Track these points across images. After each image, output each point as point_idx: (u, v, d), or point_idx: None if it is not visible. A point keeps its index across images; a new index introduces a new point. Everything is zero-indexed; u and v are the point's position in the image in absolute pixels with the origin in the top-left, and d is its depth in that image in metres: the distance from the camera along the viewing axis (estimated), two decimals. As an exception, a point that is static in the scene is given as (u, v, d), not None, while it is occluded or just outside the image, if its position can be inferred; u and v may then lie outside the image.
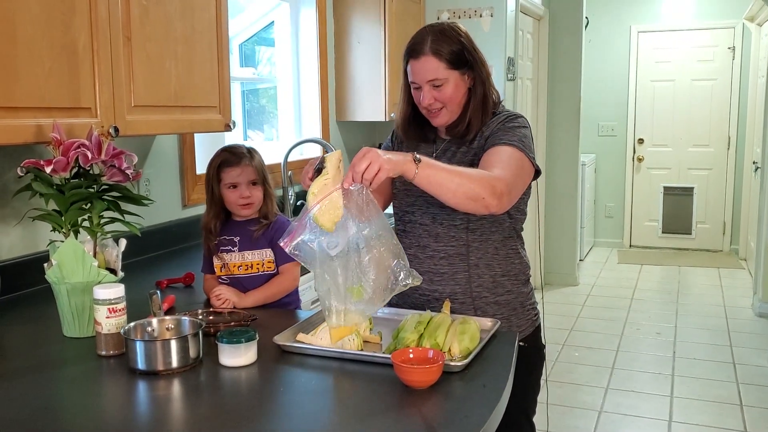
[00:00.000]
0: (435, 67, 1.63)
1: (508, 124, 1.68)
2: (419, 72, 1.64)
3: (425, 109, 1.69)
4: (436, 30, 1.66)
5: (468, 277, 1.72)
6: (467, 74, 1.68)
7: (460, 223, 1.70)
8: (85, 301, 1.55)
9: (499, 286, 1.75)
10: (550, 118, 5.42)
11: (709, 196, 6.70)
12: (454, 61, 1.64)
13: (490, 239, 1.73)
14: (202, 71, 2.16)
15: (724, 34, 6.47)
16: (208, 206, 1.91)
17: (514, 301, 1.78)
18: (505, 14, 4.11)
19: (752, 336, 4.34)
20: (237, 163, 1.84)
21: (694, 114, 6.64)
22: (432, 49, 1.62)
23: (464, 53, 1.65)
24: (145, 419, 1.21)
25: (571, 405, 3.37)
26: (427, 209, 1.72)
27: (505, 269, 1.76)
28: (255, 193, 1.87)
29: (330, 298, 1.41)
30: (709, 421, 3.18)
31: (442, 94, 1.65)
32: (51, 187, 1.56)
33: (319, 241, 1.38)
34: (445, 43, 1.63)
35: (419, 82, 1.66)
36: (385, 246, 1.39)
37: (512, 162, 1.60)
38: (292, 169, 3.26)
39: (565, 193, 5.50)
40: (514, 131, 1.66)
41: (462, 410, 1.19)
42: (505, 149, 1.62)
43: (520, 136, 1.66)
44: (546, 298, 5.30)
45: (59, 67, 1.64)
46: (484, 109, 1.70)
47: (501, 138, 1.64)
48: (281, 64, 3.60)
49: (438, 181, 1.44)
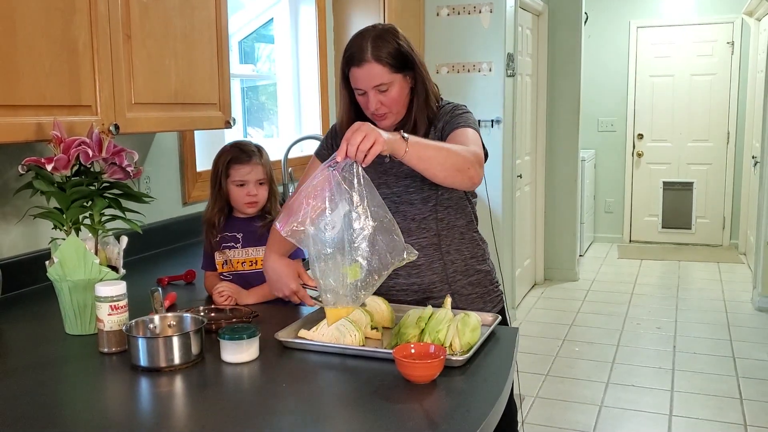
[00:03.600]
0: (379, 72, 1.63)
1: (458, 112, 1.75)
2: (364, 79, 1.65)
3: (373, 113, 1.70)
4: (374, 35, 1.66)
5: (443, 265, 1.78)
6: (409, 75, 1.70)
7: (429, 215, 1.75)
8: (86, 298, 1.56)
9: (470, 268, 1.82)
10: (549, 114, 5.42)
11: (709, 191, 6.70)
12: (395, 64, 1.65)
13: (456, 225, 1.80)
14: (202, 68, 2.16)
15: (723, 29, 6.47)
16: (212, 200, 1.92)
17: (483, 280, 1.85)
18: (504, 10, 4.11)
19: (752, 330, 4.35)
20: (247, 161, 1.86)
21: (693, 109, 6.64)
22: (374, 55, 1.63)
23: (404, 55, 1.67)
24: (148, 416, 1.22)
25: (572, 400, 3.38)
26: (397, 209, 1.73)
27: (472, 251, 1.83)
28: (261, 192, 1.88)
29: (327, 279, 1.39)
30: (710, 415, 3.19)
31: (387, 97, 1.67)
32: (52, 184, 1.56)
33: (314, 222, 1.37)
34: (385, 47, 1.64)
35: (364, 89, 1.66)
36: (379, 222, 1.38)
37: (477, 140, 1.68)
38: (292, 166, 3.26)
39: (564, 189, 5.50)
40: (466, 117, 1.74)
41: (463, 404, 1.19)
42: (467, 130, 1.69)
43: (473, 122, 1.75)
44: (546, 293, 5.31)
45: (59, 65, 1.64)
46: (428, 107, 1.74)
47: (459, 123, 1.71)
48: (281, 61, 3.60)
49: (428, 155, 1.47)
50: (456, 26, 4.18)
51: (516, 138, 4.52)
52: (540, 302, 5.08)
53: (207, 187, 2.01)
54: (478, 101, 4.20)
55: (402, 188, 1.74)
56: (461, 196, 1.80)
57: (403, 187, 1.74)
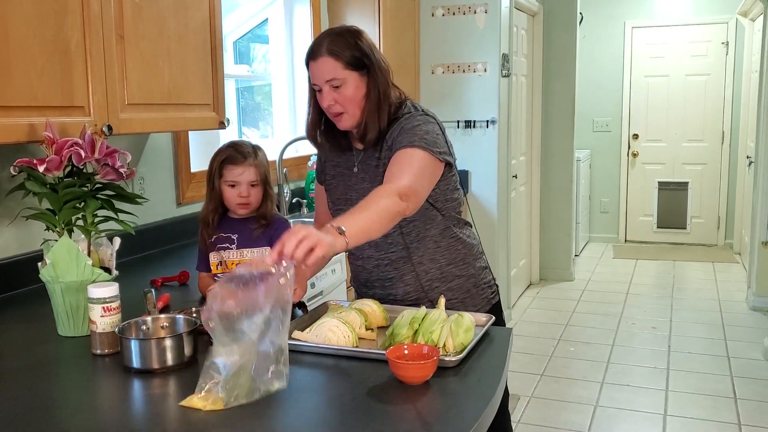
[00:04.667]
0: (332, 67, 1.64)
1: (407, 126, 1.68)
2: (317, 73, 1.66)
3: (327, 111, 1.70)
4: (335, 33, 1.68)
5: (416, 276, 1.77)
6: (365, 76, 1.68)
7: (393, 231, 1.71)
8: (79, 300, 1.55)
9: (447, 275, 1.80)
10: (544, 114, 5.43)
11: (704, 191, 6.72)
12: (351, 61, 1.65)
13: (427, 236, 1.77)
14: (196, 69, 2.15)
15: (717, 30, 6.48)
16: (207, 199, 1.91)
17: (466, 284, 1.82)
18: (499, 10, 4.11)
19: (746, 329, 4.36)
20: (241, 162, 1.84)
21: (688, 109, 6.66)
22: (328, 49, 1.64)
23: (361, 55, 1.66)
24: (140, 417, 1.21)
25: (567, 400, 3.38)
26: None
27: (450, 258, 1.80)
28: (253, 193, 1.86)
29: (225, 370, 1.22)
30: (704, 414, 3.20)
31: (341, 95, 1.66)
32: (44, 186, 1.56)
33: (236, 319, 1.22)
34: (342, 44, 1.65)
35: (319, 84, 1.67)
36: (273, 342, 1.23)
37: (413, 162, 1.61)
38: (288, 167, 3.26)
39: (560, 189, 5.51)
40: (414, 131, 1.66)
41: (457, 405, 1.19)
42: (404, 153, 1.63)
43: (421, 134, 1.66)
44: (541, 293, 5.31)
45: (52, 65, 1.64)
46: (379, 113, 1.69)
47: (401, 143, 1.65)
48: (276, 61, 3.59)
49: (367, 228, 1.43)
50: (451, 26, 4.19)
51: (511, 138, 4.53)
52: (535, 302, 5.09)
53: (201, 188, 2.01)
54: (473, 102, 4.21)
55: None
56: (426, 207, 1.73)
57: None
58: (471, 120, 4.22)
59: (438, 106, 4.08)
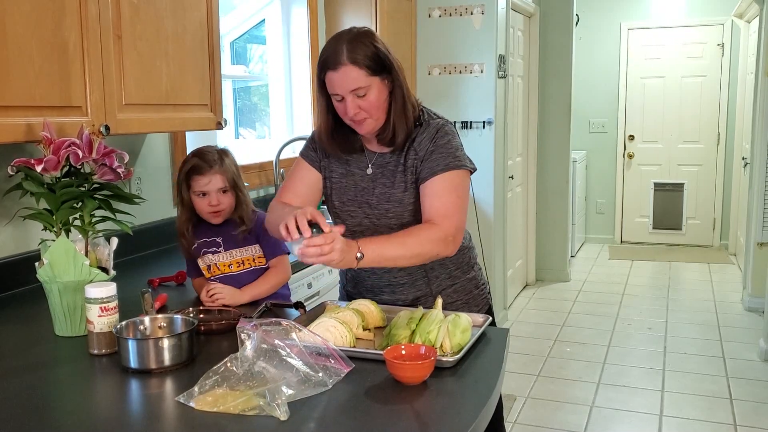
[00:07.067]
0: (356, 76, 1.57)
1: (440, 141, 1.66)
2: (341, 83, 1.58)
3: (350, 119, 1.64)
4: (350, 38, 1.59)
5: (427, 281, 1.78)
6: (386, 79, 1.63)
7: None
8: (76, 300, 1.55)
9: (453, 277, 1.82)
10: (541, 116, 5.44)
11: (699, 192, 6.74)
12: (373, 67, 1.59)
13: None
14: (193, 69, 2.15)
15: (713, 31, 6.50)
16: (179, 211, 1.90)
17: (468, 285, 1.84)
18: (495, 11, 4.12)
19: (742, 330, 4.38)
20: (207, 170, 1.81)
21: (684, 110, 6.68)
22: (350, 58, 1.56)
23: (381, 58, 1.61)
24: (138, 417, 1.21)
25: (563, 400, 3.39)
26: (376, 229, 1.72)
27: (457, 262, 1.82)
28: (224, 200, 1.84)
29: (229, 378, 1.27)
30: (700, 415, 3.21)
31: (366, 102, 1.60)
32: (42, 186, 1.56)
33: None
34: (361, 50, 1.57)
35: (342, 93, 1.59)
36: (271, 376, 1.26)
37: (453, 191, 1.64)
38: (284, 167, 3.26)
39: (556, 190, 5.52)
40: (446, 149, 1.66)
41: (454, 406, 1.20)
42: (442, 180, 1.64)
43: (453, 151, 1.66)
44: (537, 294, 5.32)
45: (50, 65, 1.64)
46: (405, 112, 1.66)
47: (437, 164, 1.64)
48: (273, 62, 3.59)
49: (389, 256, 1.55)
50: (447, 27, 4.19)
51: (507, 139, 4.53)
52: (531, 303, 5.09)
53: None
54: (470, 102, 4.21)
55: (382, 212, 1.71)
56: None
57: (383, 211, 1.71)
58: (467, 121, 4.23)
59: (435, 106, 4.03)
